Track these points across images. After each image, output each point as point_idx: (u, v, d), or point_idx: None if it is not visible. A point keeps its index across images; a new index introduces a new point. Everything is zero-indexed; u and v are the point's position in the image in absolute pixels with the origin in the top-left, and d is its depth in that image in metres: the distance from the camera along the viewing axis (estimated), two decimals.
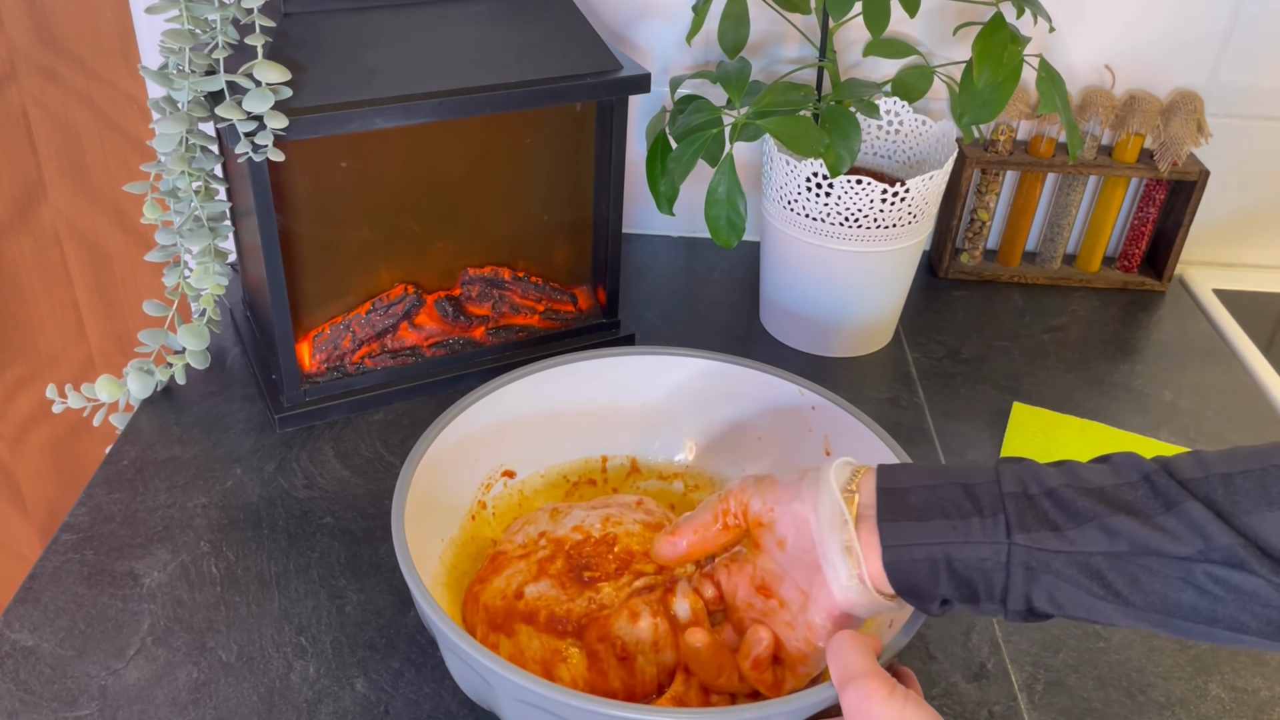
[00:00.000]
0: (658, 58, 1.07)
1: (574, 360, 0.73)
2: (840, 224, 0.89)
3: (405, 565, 0.56)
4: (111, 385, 0.86)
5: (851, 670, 0.49)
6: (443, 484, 0.67)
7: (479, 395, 0.69)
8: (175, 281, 0.85)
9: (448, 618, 0.53)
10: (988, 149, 1.06)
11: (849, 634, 0.51)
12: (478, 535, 0.70)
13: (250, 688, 0.65)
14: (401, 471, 0.63)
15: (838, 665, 0.49)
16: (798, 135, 0.80)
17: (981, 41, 0.81)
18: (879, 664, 0.49)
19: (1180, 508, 0.46)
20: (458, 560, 0.68)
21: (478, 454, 0.71)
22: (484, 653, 0.51)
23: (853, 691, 0.48)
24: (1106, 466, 0.50)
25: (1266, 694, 0.68)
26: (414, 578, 0.55)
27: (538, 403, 0.73)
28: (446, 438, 0.66)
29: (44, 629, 0.68)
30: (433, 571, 0.65)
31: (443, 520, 0.68)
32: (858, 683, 0.48)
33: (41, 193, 1.20)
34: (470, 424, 0.69)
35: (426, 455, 0.64)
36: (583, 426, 0.76)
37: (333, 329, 0.87)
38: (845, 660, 0.49)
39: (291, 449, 0.84)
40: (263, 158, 0.73)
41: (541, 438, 0.74)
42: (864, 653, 0.49)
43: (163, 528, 0.76)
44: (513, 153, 0.87)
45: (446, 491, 0.68)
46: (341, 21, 0.76)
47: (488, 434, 0.71)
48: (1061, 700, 0.67)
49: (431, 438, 0.65)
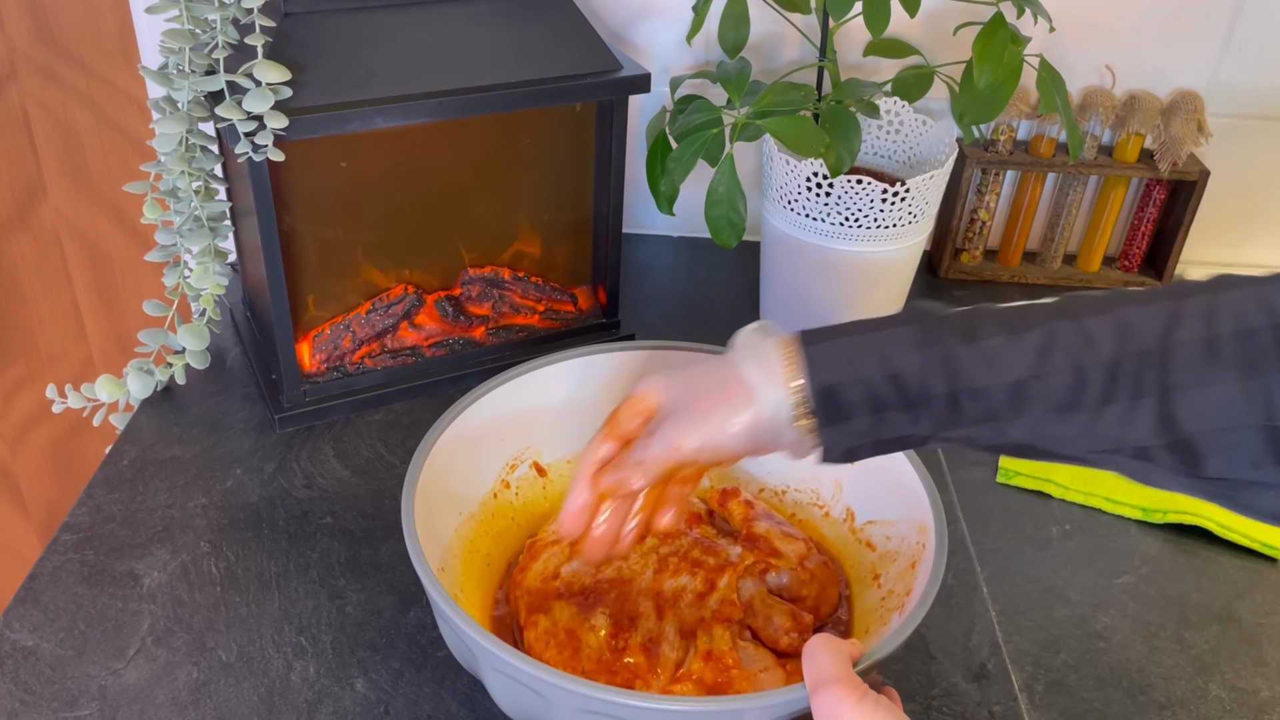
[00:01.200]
0: (658, 58, 1.07)
1: (610, 350, 0.74)
2: (840, 224, 0.89)
3: (408, 531, 0.58)
4: (111, 385, 0.86)
5: (824, 675, 0.48)
6: (466, 460, 0.69)
7: (503, 380, 0.71)
8: (175, 281, 0.85)
9: (433, 575, 0.56)
10: (988, 149, 1.06)
11: (825, 637, 0.51)
12: (499, 513, 0.72)
13: (250, 688, 0.65)
14: (423, 441, 0.65)
15: (811, 669, 0.49)
16: (798, 135, 0.80)
17: (982, 41, 0.81)
18: (853, 670, 0.49)
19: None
20: (476, 536, 0.69)
21: (504, 434, 0.72)
22: (467, 620, 0.53)
23: (823, 696, 0.48)
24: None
25: (1267, 694, 0.68)
26: (415, 546, 0.57)
27: (565, 390, 0.74)
28: (473, 415, 0.69)
29: (44, 629, 0.68)
30: (446, 544, 0.66)
31: (463, 496, 0.70)
32: (829, 688, 0.48)
33: (41, 193, 1.20)
34: (499, 405, 0.70)
35: (451, 428, 0.67)
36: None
37: (333, 329, 0.87)
38: (818, 664, 0.49)
39: (291, 449, 0.84)
40: (263, 158, 0.73)
41: (569, 424, 0.75)
42: (838, 658, 0.49)
43: (163, 528, 0.76)
44: (513, 153, 0.87)
45: (469, 467, 0.70)
46: (341, 21, 0.76)
47: (516, 416, 0.72)
48: (1062, 700, 0.67)
49: (457, 413, 0.67)
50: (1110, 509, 0.82)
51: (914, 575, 0.62)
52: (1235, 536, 0.79)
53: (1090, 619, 0.73)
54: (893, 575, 0.65)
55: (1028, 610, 0.73)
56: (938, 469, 0.85)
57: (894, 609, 0.62)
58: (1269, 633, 0.72)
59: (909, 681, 0.67)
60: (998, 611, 0.73)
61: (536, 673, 0.51)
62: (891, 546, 0.67)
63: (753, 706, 0.51)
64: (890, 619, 0.62)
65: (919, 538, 0.64)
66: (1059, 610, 0.73)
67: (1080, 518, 0.81)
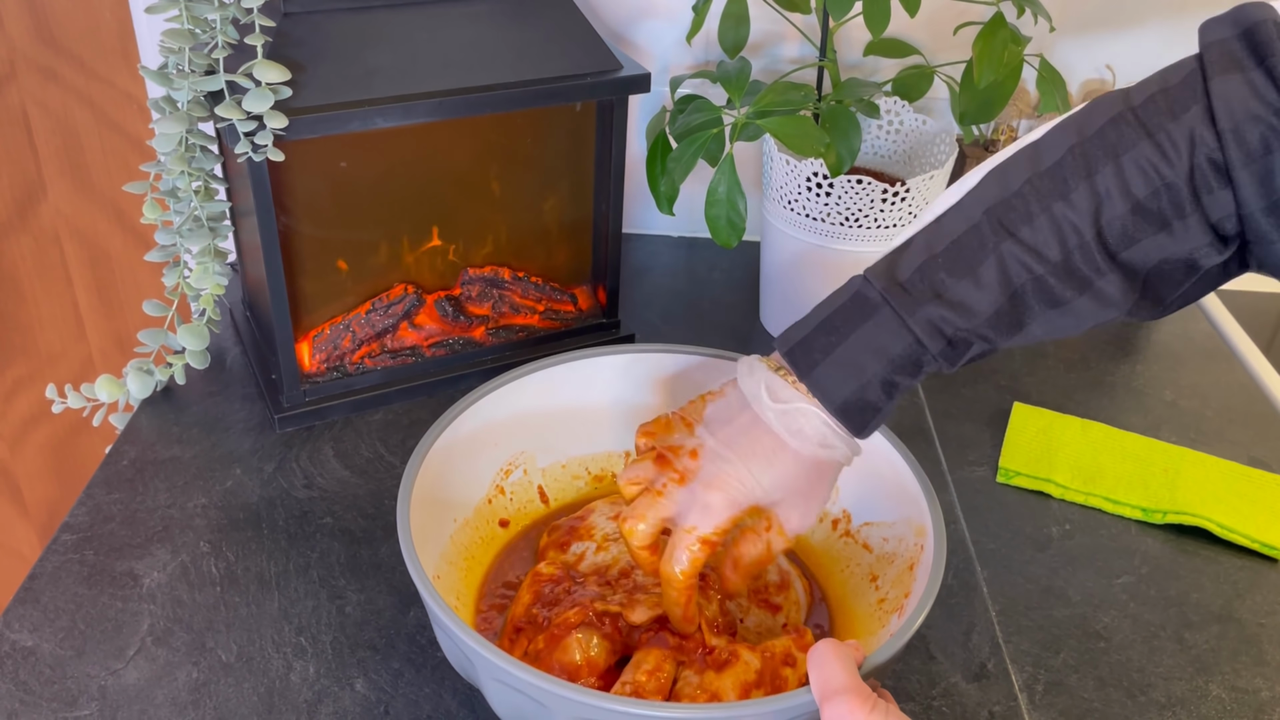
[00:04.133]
0: (658, 58, 1.07)
1: (606, 354, 0.74)
2: (840, 224, 0.89)
3: (404, 538, 0.58)
4: (111, 385, 0.86)
5: (833, 684, 0.48)
6: (460, 467, 0.68)
7: (496, 385, 0.70)
8: (175, 281, 0.85)
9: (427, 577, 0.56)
10: (988, 149, 1.06)
11: (831, 644, 0.51)
12: (493, 518, 0.72)
13: (250, 688, 0.65)
14: (415, 451, 0.64)
15: (819, 677, 0.49)
16: (798, 135, 0.80)
17: (982, 41, 0.81)
18: (860, 678, 0.49)
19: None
20: (470, 541, 0.69)
21: (498, 439, 0.72)
22: (463, 628, 0.53)
23: (833, 706, 0.48)
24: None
25: (1267, 694, 0.68)
26: (410, 551, 0.56)
27: (561, 395, 0.74)
28: (467, 421, 0.68)
29: (44, 629, 0.68)
30: (442, 550, 0.66)
31: (458, 501, 0.69)
32: (840, 697, 0.48)
33: (41, 193, 1.20)
34: (492, 410, 0.70)
35: (443, 436, 0.66)
36: (606, 419, 0.76)
37: (333, 329, 0.87)
38: (826, 673, 0.49)
39: (291, 449, 0.84)
40: (262, 157, 0.73)
41: (564, 428, 0.75)
42: (846, 665, 0.49)
43: (163, 528, 0.76)
44: (513, 153, 0.87)
45: (463, 473, 0.69)
46: (341, 21, 0.76)
47: (509, 421, 0.72)
48: (1062, 700, 0.67)
49: (450, 419, 0.67)
50: (1110, 509, 0.82)
51: (912, 577, 0.62)
52: (1235, 537, 0.79)
53: (1090, 619, 0.73)
54: (890, 578, 0.65)
55: (1028, 610, 0.73)
56: (938, 469, 0.85)
57: (892, 611, 0.62)
58: (1269, 633, 0.72)
59: (909, 681, 0.67)
60: (998, 611, 0.73)
61: (536, 681, 0.51)
62: (889, 549, 0.67)
63: (754, 713, 0.51)
64: (889, 620, 0.62)
65: (917, 539, 0.64)
66: (1059, 610, 0.73)
67: (1080, 518, 0.81)
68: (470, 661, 0.55)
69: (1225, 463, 0.86)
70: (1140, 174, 0.50)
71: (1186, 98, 0.50)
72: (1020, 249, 0.52)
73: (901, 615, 0.59)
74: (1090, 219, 0.51)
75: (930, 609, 0.56)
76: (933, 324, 0.53)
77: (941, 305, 0.53)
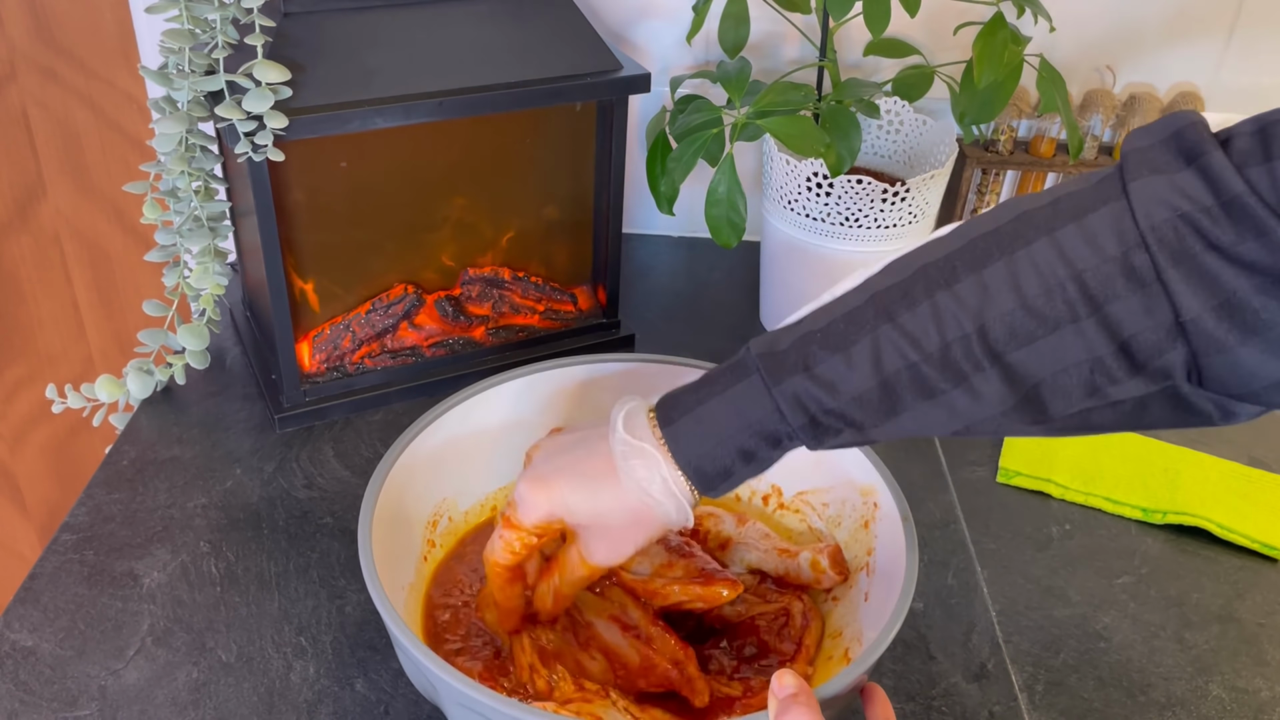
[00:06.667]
0: (658, 58, 1.07)
1: (578, 363, 0.73)
2: (840, 224, 0.89)
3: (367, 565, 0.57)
4: (111, 385, 0.86)
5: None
6: (421, 485, 0.67)
7: (455, 402, 0.70)
8: (175, 281, 0.85)
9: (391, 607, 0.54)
10: (988, 149, 1.06)
11: (800, 694, 0.49)
12: (457, 535, 0.71)
13: (250, 688, 0.65)
14: (376, 470, 0.63)
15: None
16: (798, 135, 0.80)
17: (982, 41, 0.81)
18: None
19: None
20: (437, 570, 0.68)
21: (463, 456, 0.71)
22: (425, 652, 0.52)
23: None
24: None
25: (1267, 694, 0.68)
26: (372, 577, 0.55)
27: (528, 407, 0.73)
28: (430, 437, 0.67)
29: (44, 629, 0.68)
30: (415, 567, 0.66)
31: (421, 520, 0.68)
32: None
33: (41, 193, 1.20)
34: (457, 426, 0.70)
35: (405, 453, 0.65)
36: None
37: (332, 329, 0.87)
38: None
39: (291, 449, 0.84)
40: (262, 158, 0.73)
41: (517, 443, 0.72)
42: (812, 715, 0.48)
43: (163, 528, 0.76)
44: (513, 153, 0.87)
45: (414, 504, 0.68)
46: (341, 21, 0.76)
47: (470, 438, 0.71)
48: (1062, 701, 0.67)
49: (403, 446, 0.65)
50: (1110, 509, 0.82)
51: (871, 535, 0.64)
52: (1235, 537, 0.79)
53: (1090, 619, 0.73)
54: (844, 540, 0.67)
55: (1028, 610, 0.73)
56: (938, 469, 0.85)
57: (859, 569, 0.64)
58: (1269, 633, 0.72)
59: (909, 681, 0.67)
60: (998, 611, 0.73)
61: (500, 706, 0.49)
62: (832, 513, 0.69)
63: None
64: (858, 580, 0.64)
65: (865, 499, 0.65)
66: (1059, 610, 0.73)
67: (1080, 518, 0.81)
68: (434, 687, 0.54)
69: (1225, 463, 0.86)
70: (1033, 271, 0.47)
71: (1099, 198, 0.47)
72: (897, 334, 0.50)
73: (870, 573, 0.62)
74: (973, 312, 0.49)
75: (931, 608, 0.56)
76: (797, 397, 0.52)
77: (808, 379, 0.51)
